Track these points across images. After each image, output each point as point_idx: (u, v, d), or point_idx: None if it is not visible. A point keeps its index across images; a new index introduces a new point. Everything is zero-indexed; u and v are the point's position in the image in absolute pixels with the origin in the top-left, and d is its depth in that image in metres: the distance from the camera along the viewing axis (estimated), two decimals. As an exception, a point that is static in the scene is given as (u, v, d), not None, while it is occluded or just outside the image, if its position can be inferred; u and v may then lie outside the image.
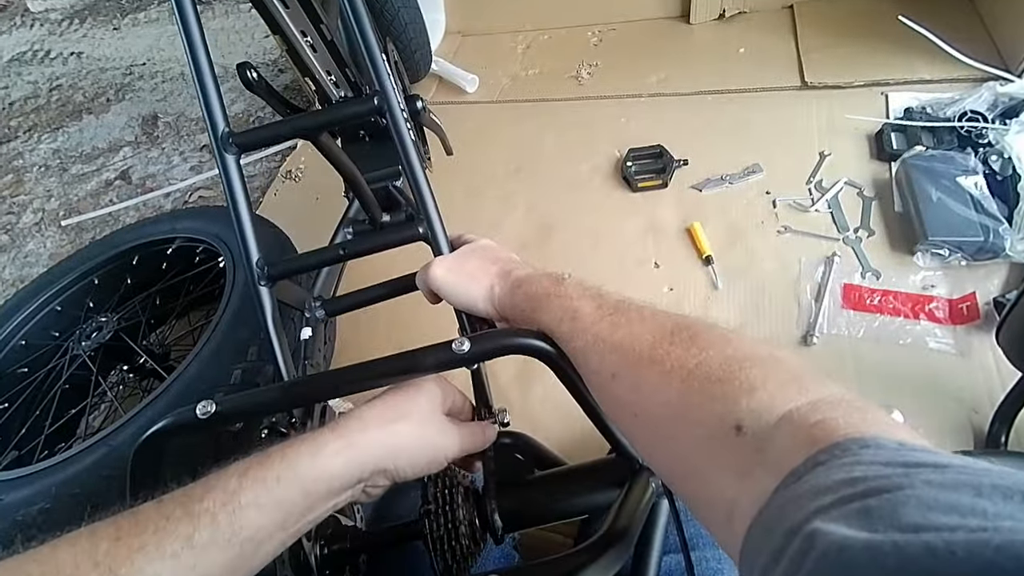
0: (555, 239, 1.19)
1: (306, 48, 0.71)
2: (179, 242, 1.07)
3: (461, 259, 0.53)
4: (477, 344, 0.43)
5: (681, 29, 1.56)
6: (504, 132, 1.46)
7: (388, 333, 1.12)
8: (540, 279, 0.47)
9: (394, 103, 0.56)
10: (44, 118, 2.22)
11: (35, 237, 1.69)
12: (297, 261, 0.62)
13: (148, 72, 2.33)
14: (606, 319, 0.40)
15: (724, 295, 1.01)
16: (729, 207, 1.13)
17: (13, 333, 0.99)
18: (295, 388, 0.47)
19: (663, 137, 1.27)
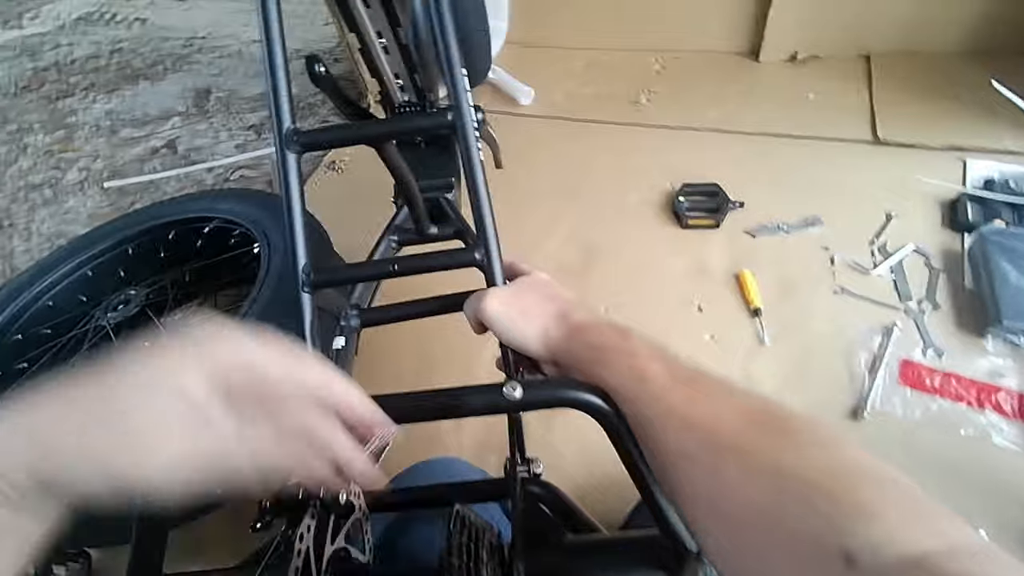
0: (596, 267, 1.15)
1: (379, 49, 0.69)
2: (217, 223, 1.05)
3: (517, 294, 0.50)
4: (530, 392, 0.40)
5: (748, 66, 1.51)
6: (554, 149, 1.43)
7: (413, 340, 1.09)
8: (603, 328, 0.43)
9: (468, 122, 0.53)
10: (102, 79, 2.26)
11: (77, 195, 1.71)
12: (345, 272, 0.59)
13: (207, 46, 2.36)
14: (680, 389, 0.36)
15: (770, 352, 0.95)
16: (783, 258, 1.07)
17: (43, 292, 0.99)
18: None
19: (719, 175, 1.22)
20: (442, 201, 0.84)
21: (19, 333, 0.93)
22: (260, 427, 0.29)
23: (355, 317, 0.65)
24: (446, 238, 0.79)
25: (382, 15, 0.66)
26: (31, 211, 1.68)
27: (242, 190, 1.17)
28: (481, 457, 0.92)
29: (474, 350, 1.03)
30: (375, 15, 0.66)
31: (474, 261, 0.55)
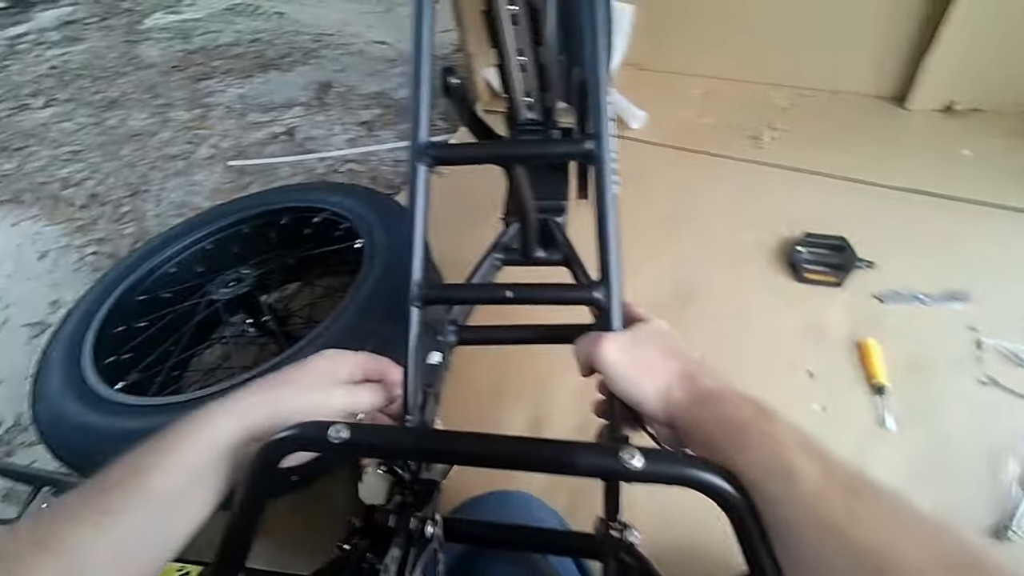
0: (694, 309, 1.08)
1: (517, 67, 0.68)
2: (326, 214, 1.09)
3: (638, 344, 0.46)
4: (651, 464, 0.35)
5: (893, 113, 1.38)
6: (661, 178, 1.37)
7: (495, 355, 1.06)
8: (738, 402, 0.38)
9: (607, 153, 0.50)
10: (239, 65, 2.46)
11: (204, 170, 1.86)
12: (456, 291, 0.58)
13: (334, 43, 2.51)
14: (840, 498, 0.30)
15: (893, 438, 0.84)
16: (918, 332, 0.95)
17: (168, 259, 1.06)
18: (435, 443, 0.42)
19: (847, 229, 1.11)
20: (551, 224, 0.82)
21: (144, 294, 1.00)
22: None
23: (453, 333, 0.64)
24: (552, 263, 0.76)
25: (527, 34, 0.64)
26: (165, 179, 1.84)
27: (353, 186, 1.20)
28: (551, 493, 0.87)
29: (555, 374, 1.00)
30: (520, 33, 0.64)
31: (593, 300, 0.51)
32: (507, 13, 0.60)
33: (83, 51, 2.82)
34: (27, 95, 2.45)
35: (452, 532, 0.49)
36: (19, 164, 2.01)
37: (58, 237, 1.66)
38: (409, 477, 0.46)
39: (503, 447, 0.39)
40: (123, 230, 1.66)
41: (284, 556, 0.81)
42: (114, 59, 2.69)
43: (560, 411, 0.96)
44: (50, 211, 1.77)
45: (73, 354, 0.84)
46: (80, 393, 0.78)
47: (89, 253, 1.59)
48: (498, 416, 0.97)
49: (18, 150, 2.09)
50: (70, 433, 0.74)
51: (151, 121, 2.16)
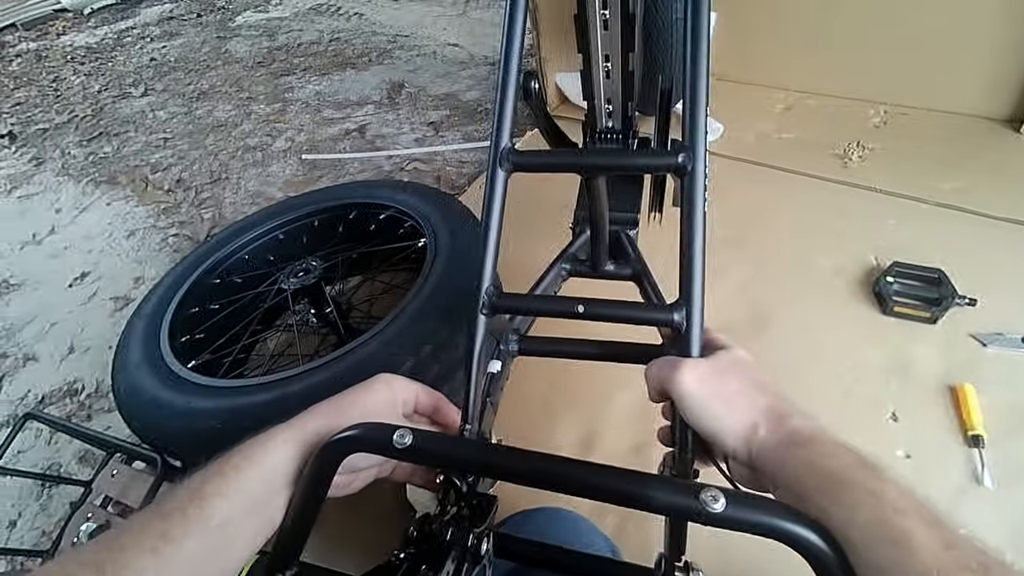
0: (766, 334, 1.01)
1: (602, 73, 0.66)
2: (392, 211, 1.10)
3: (719, 373, 0.43)
4: (734, 508, 0.32)
5: (1005, 136, 1.25)
6: (735, 194, 1.30)
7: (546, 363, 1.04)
8: (836, 448, 0.34)
9: (701, 169, 0.47)
10: (318, 63, 2.57)
11: (279, 161, 1.94)
12: (526, 302, 0.56)
13: (408, 44, 2.58)
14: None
15: (991, 497, 0.75)
16: (1022, 381, 0.85)
17: (244, 245, 1.11)
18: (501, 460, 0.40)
19: (945, 260, 1.01)
20: (623, 237, 0.79)
21: (218, 277, 1.05)
22: None
23: (515, 343, 0.62)
24: (621, 278, 0.73)
25: (617, 39, 0.62)
26: (243, 169, 1.94)
27: (420, 185, 1.22)
28: (600, 515, 0.84)
29: (610, 390, 0.96)
30: (609, 39, 0.62)
31: (672, 322, 0.48)
32: (600, 18, 0.58)
33: (179, 45, 3.03)
34: (129, 84, 2.65)
35: (502, 549, 0.47)
36: (117, 148, 2.18)
37: (145, 218, 1.78)
38: (466, 489, 0.45)
39: (572, 472, 0.37)
40: (203, 214, 1.76)
41: (333, 552, 0.82)
42: (206, 53, 2.87)
43: (613, 429, 0.92)
44: (140, 193, 1.90)
45: (152, 331, 0.89)
46: (156, 369, 0.82)
47: (172, 234, 1.69)
48: (549, 429, 0.95)
49: (116, 135, 2.26)
50: (144, 406, 0.77)
51: (234, 113, 2.29)
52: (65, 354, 1.36)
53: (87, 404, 1.23)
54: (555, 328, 0.62)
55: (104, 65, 2.91)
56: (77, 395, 1.26)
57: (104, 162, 2.10)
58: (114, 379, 0.85)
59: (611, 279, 0.73)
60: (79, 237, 1.74)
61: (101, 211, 1.84)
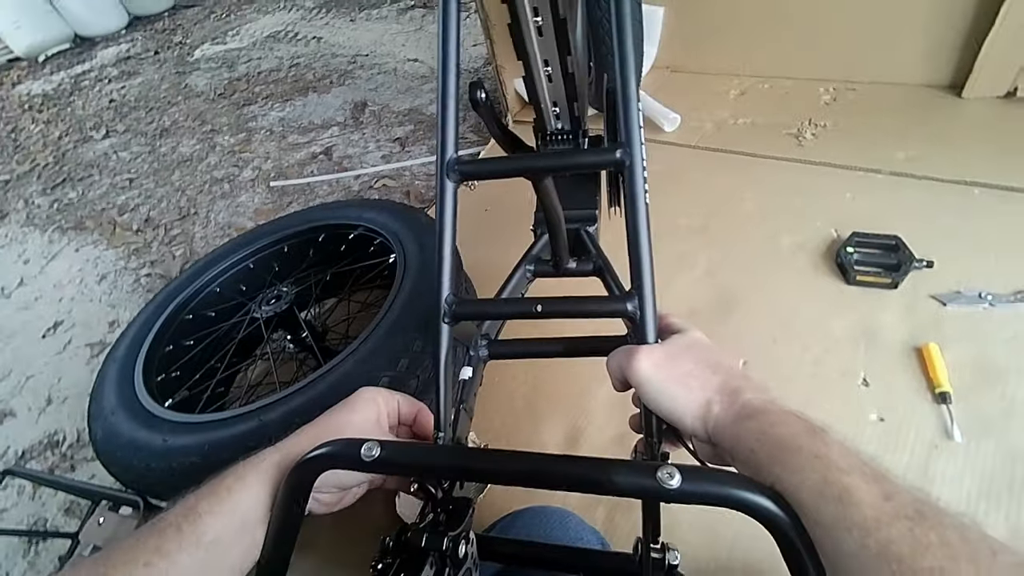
0: (735, 316, 1.03)
1: (543, 77, 0.67)
2: (361, 230, 1.11)
3: (674, 356, 0.44)
4: (690, 483, 0.33)
5: (948, 102, 1.29)
6: (696, 181, 1.33)
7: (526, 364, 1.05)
8: (785, 417, 0.36)
9: (639, 162, 0.48)
10: (280, 90, 2.57)
11: (248, 191, 1.94)
12: (487, 306, 0.57)
13: (368, 63, 2.59)
14: (902, 524, 0.28)
15: (961, 451, 0.77)
16: (985, 336, 0.88)
17: (214, 279, 1.11)
18: (467, 461, 0.42)
19: (901, 227, 1.04)
20: (583, 234, 0.80)
21: (190, 313, 1.05)
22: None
23: (484, 348, 0.63)
24: (584, 274, 0.74)
25: (553, 44, 0.64)
26: (212, 202, 1.93)
27: (387, 201, 1.23)
28: (589, 509, 0.85)
29: (589, 385, 0.98)
30: (546, 44, 0.64)
31: (625, 312, 0.49)
32: (533, 24, 0.59)
33: (139, 84, 3.01)
34: (90, 128, 2.63)
35: (486, 550, 0.48)
36: (82, 193, 2.15)
37: (116, 260, 1.76)
38: (441, 495, 0.46)
39: (535, 465, 0.39)
40: (174, 252, 1.75)
41: (325, 571, 0.81)
42: (166, 90, 2.86)
43: (596, 424, 0.94)
44: (109, 236, 1.88)
45: (125, 374, 0.89)
46: (131, 411, 0.81)
47: (144, 274, 1.68)
48: (533, 430, 0.96)
49: (81, 180, 2.24)
50: (121, 449, 0.77)
51: (199, 147, 2.28)
52: (43, 407, 1.34)
53: (69, 455, 1.22)
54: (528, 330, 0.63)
55: (63, 111, 2.88)
56: (58, 447, 1.24)
57: (69, 208, 2.08)
58: (91, 426, 0.84)
59: (574, 276, 0.74)
60: (49, 286, 1.72)
61: (70, 258, 1.82)
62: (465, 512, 0.45)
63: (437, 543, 0.41)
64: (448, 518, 0.44)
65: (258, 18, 3.54)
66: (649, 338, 0.47)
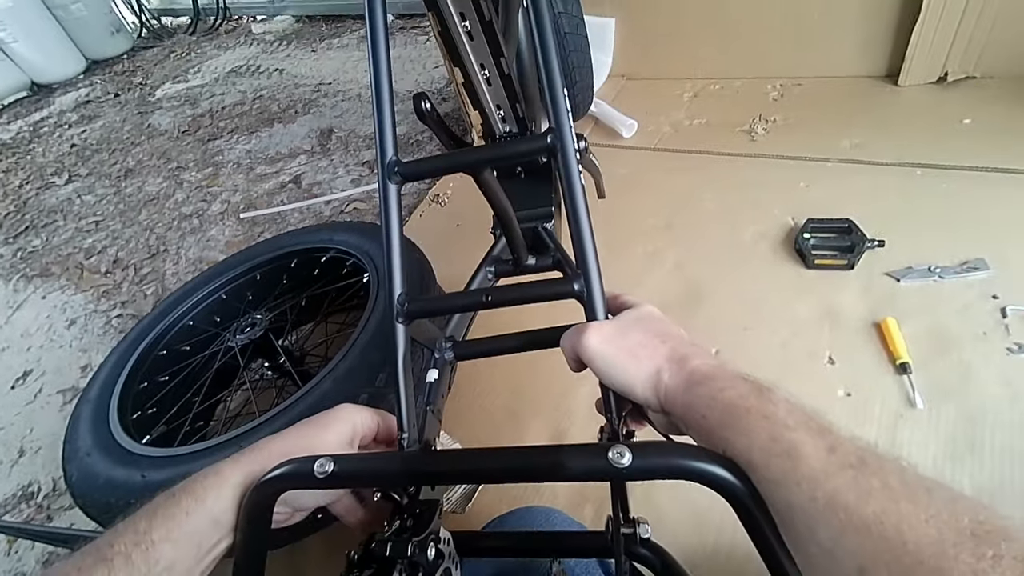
0: (705, 307, 1.07)
1: (482, 81, 0.69)
2: (333, 252, 1.12)
3: (622, 330, 0.44)
4: (641, 458, 0.34)
5: (886, 90, 1.37)
6: (659, 182, 1.37)
7: (505, 371, 1.06)
8: (733, 381, 0.36)
9: (569, 144, 0.49)
10: (245, 122, 2.57)
11: (218, 224, 1.93)
12: (438, 302, 0.58)
13: (332, 91, 2.61)
14: (846, 473, 0.29)
15: (924, 417, 0.81)
16: (937, 307, 0.92)
17: (186, 312, 1.10)
18: (422, 466, 0.42)
19: (853, 211, 1.09)
20: (540, 231, 0.82)
21: (164, 349, 1.04)
22: None
23: (449, 350, 0.64)
24: (544, 269, 0.76)
25: (485, 47, 0.65)
26: (181, 238, 1.91)
27: (356, 223, 1.24)
28: (577, 507, 0.86)
29: (570, 386, 0.99)
30: (478, 47, 0.65)
31: (572, 292, 0.49)
32: (462, 29, 0.61)
33: (100, 127, 2.97)
34: (51, 174, 2.59)
35: (464, 547, 0.48)
36: (46, 239, 2.11)
37: (85, 304, 1.73)
38: (407, 500, 0.45)
39: (489, 460, 0.39)
40: (145, 291, 1.72)
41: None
42: (128, 131, 2.83)
43: (579, 424, 0.95)
44: (76, 280, 1.85)
45: (100, 414, 0.87)
46: (107, 450, 0.80)
47: (115, 316, 1.65)
48: (517, 436, 0.97)
49: (44, 226, 2.19)
50: (99, 490, 0.76)
51: (165, 185, 2.26)
52: (15, 459, 1.30)
53: (45, 505, 1.18)
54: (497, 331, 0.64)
55: (23, 159, 2.83)
56: (33, 498, 1.20)
57: (34, 256, 2.03)
58: (65, 469, 0.83)
59: (534, 272, 0.75)
60: (16, 336, 1.67)
61: (37, 305, 1.78)
62: (432, 515, 0.45)
63: (402, 550, 0.40)
64: (415, 523, 0.44)
65: (219, 55, 3.54)
66: (599, 315, 0.47)
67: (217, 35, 3.96)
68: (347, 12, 3.44)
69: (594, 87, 1.55)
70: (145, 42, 4.18)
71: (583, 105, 1.54)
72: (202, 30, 4.09)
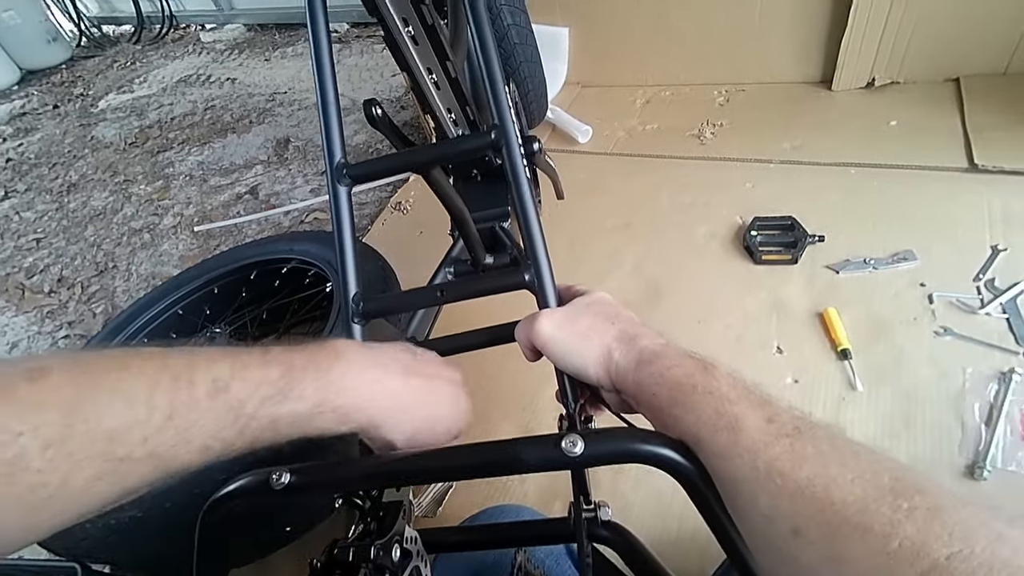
0: (663, 303, 1.11)
1: (430, 85, 0.70)
2: (293, 263, 1.10)
3: (573, 315, 0.45)
4: (592, 446, 0.35)
5: (821, 95, 1.46)
6: (615, 185, 1.42)
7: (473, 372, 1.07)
8: (681, 359, 0.38)
9: (512, 139, 0.51)
10: (196, 133, 2.50)
11: (171, 239, 1.87)
12: (393, 300, 0.58)
13: (287, 100, 2.57)
14: (782, 442, 0.31)
15: (864, 398, 0.87)
16: (872, 296, 0.99)
17: (140, 328, 1.06)
18: (380, 468, 0.42)
19: (795, 208, 1.16)
20: (497, 230, 0.84)
21: (117, 368, 1.00)
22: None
23: None
24: (502, 268, 0.78)
25: (430, 51, 0.67)
26: (132, 254, 1.84)
27: (317, 232, 1.23)
28: (547, 504, 0.88)
29: (538, 385, 1.01)
30: (423, 52, 0.67)
31: (523, 283, 0.50)
32: (406, 35, 0.62)
33: (39, 140, 2.83)
34: (-16, 190, 2.44)
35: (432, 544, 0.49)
36: (-18, 259, 2.00)
37: (28, 326, 1.64)
38: (370, 504, 0.46)
39: (443, 459, 0.40)
40: (94, 309, 1.65)
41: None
42: (70, 144, 2.71)
43: (546, 422, 0.97)
44: (17, 301, 1.75)
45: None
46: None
47: (61, 337, 1.57)
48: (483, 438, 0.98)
49: (-21, 246, 2.07)
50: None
51: (112, 199, 2.17)
52: (-46, 492, 1.22)
53: (-10, 539, 1.11)
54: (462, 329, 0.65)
55: (-49, 175, 2.66)
56: (-24, 533, 1.13)
57: (-32, 277, 1.92)
58: (14, 498, 0.79)
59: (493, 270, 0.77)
60: (-49, 363, 1.57)
61: (-27, 330, 1.68)
62: (396, 516, 0.45)
63: (365, 554, 0.40)
64: (379, 526, 0.44)
65: (165, 64, 3.43)
66: (550, 302, 0.48)
67: (163, 44, 3.83)
68: (300, 21, 3.39)
69: (548, 95, 1.59)
70: (85, 51, 4.01)
71: (538, 112, 1.58)
72: (147, 39, 3.95)
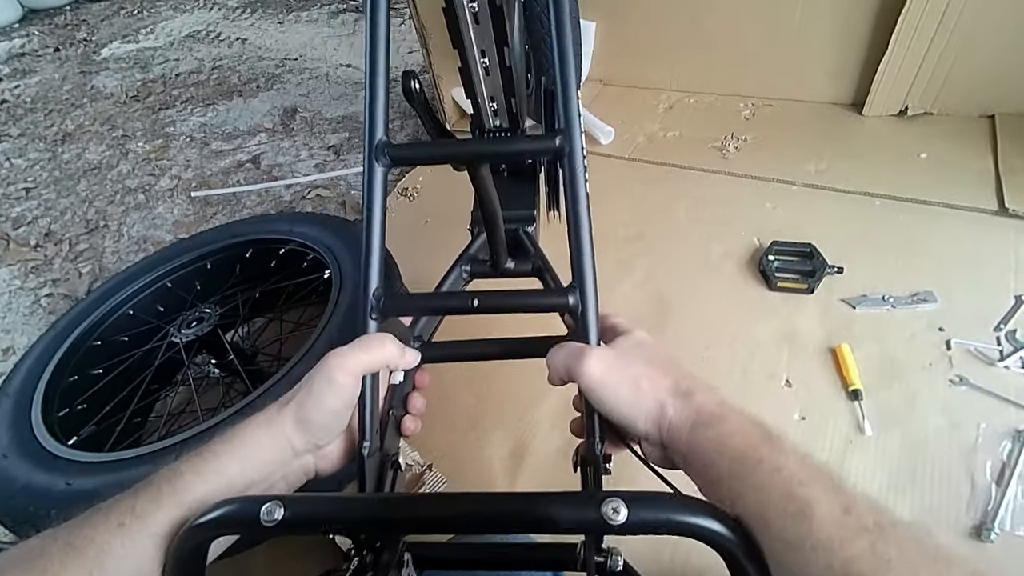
0: (672, 320, 1.07)
1: (480, 69, 0.65)
2: (292, 245, 1.06)
3: (626, 358, 0.42)
4: (636, 511, 0.32)
5: (851, 119, 1.41)
6: (631, 193, 1.37)
7: (469, 376, 1.04)
8: (742, 425, 0.35)
9: (578, 148, 0.47)
10: (201, 93, 2.41)
11: (166, 202, 1.80)
12: (418, 301, 0.54)
13: (298, 67, 2.49)
14: (863, 540, 0.27)
15: (872, 444, 0.84)
16: (888, 335, 0.96)
17: (125, 300, 1.02)
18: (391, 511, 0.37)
19: (815, 235, 1.12)
20: (521, 234, 0.80)
21: (99, 339, 0.96)
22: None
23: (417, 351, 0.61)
24: (523, 274, 0.73)
25: (490, 33, 0.62)
26: (124, 214, 1.78)
27: (320, 214, 1.18)
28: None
29: (535, 392, 0.98)
30: (482, 32, 0.62)
31: (567, 307, 0.47)
32: (468, 10, 0.58)
33: (36, 84, 2.73)
34: (-24, 132, 2.36)
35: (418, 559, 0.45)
36: (-33, 204, 1.92)
37: (10, 280, 1.59)
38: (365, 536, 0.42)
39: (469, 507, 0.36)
40: (80, 268, 1.59)
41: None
42: (69, 91, 2.61)
43: (541, 436, 0.94)
44: (1, 252, 1.69)
45: (21, 409, 0.79)
46: (27, 452, 0.73)
47: (44, 295, 1.52)
48: (478, 446, 0.95)
49: (-34, 190, 2.00)
50: (15, 497, 0.69)
51: (108, 154, 2.10)
52: (-80, 448, 1.18)
53: (-46, 502, 1.07)
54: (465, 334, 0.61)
55: (-58, 113, 2.57)
56: (-60, 494, 1.09)
57: (-49, 222, 1.85)
58: (-24, 473, 0.75)
59: (512, 276, 0.73)
60: (-73, 311, 1.52)
61: (-48, 278, 1.62)
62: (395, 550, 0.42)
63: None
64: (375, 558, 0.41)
65: (175, 16, 3.32)
66: (591, 332, 0.45)
67: (174, -5, 3.70)
68: (318, -15, 3.28)
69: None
70: (92, -6, 3.86)
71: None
72: (157, -12, 3.81)
